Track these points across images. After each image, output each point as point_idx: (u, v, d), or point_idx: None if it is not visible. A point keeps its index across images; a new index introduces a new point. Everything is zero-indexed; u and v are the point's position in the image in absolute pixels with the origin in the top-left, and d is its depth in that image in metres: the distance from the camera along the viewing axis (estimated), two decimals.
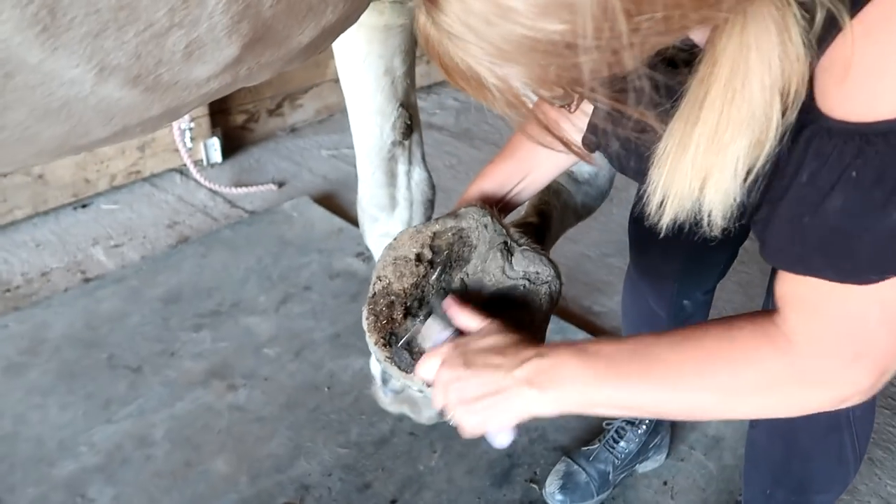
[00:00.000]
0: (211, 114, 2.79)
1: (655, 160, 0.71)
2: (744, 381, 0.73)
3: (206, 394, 1.83)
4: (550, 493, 1.59)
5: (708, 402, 0.76)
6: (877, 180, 0.62)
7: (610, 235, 2.48)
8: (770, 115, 0.63)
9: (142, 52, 0.51)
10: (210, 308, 2.10)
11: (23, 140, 0.51)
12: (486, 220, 1.02)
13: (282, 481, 1.62)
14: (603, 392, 0.78)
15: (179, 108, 0.63)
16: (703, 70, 0.65)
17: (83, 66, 0.48)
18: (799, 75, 0.62)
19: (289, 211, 2.56)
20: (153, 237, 2.45)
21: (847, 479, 1.18)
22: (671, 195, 0.71)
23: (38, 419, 1.74)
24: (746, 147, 0.65)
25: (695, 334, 0.77)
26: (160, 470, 1.64)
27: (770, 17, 0.60)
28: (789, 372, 0.72)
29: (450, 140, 3.10)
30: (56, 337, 1.98)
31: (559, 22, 0.53)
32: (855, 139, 0.62)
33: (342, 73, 1.39)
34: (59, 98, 0.50)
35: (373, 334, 0.96)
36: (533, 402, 0.79)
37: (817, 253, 0.67)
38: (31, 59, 0.45)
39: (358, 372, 1.90)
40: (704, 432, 1.77)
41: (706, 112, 0.65)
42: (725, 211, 0.69)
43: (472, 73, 0.60)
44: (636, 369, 0.76)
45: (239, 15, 0.57)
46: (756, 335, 0.73)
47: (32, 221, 2.46)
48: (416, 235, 1.01)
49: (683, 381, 0.75)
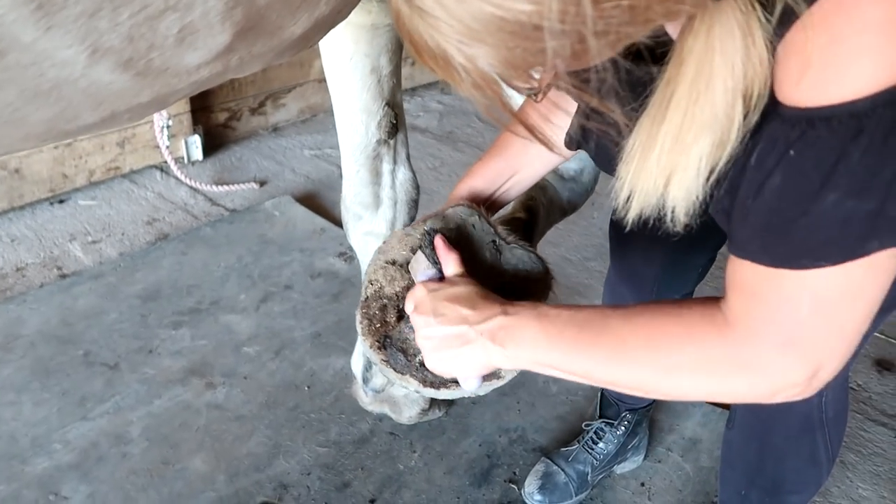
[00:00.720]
0: (193, 111, 2.77)
1: (624, 157, 0.73)
2: (682, 359, 0.75)
3: (185, 392, 1.81)
4: (529, 494, 1.60)
5: (647, 377, 0.78)
6: (815, 163, 0.63)
7: (591, 239, 2.51)
8: (732, 116, 0.65)
9: (135, 35, 0.51)
10: (189, 306, 2.08)
11: (10, 123, 0.51)
12: (474, 220, 1.03)
13: (260, 480, 1.61)
14: (553, 355, 0.81)
15: (169, 95, 0.62)
16: (671, 71, 0.67)
17: (76, 47, 0.47)
18: (761, 79, 0.64)
19: (270, 210, 2.55)
20: (132, 234, 2.42)
21: (820, 479, 1.20)
22: (637, 191, 0.73)
23: (11, 416, 1.71)
24: (709, 147, 0.66)
25: (648, 310, 0.79)
26: (136, 468, 1.62)
27: (735, 20, 0.61)
28: (724, 354, 0.73)
29: (433, 142, 3.11)
30: (31, 333, 1.95)
31: (527, 2, 0.54)
32: (801, 123, 0.63)
33: (329, 71, 1.38)
34: (50, 79, 0.49)
35: (367, 338, 0.96)
36: (493, 355, 0.83)
37: (756, 236, 0.69)
38: (25, 37, 0.45)
39: (338, 371, 1.89)
40: (682, 434, 1.79)
41: (671, 112, 0.67)
42: (688, 208, 0.71)
43: (441, 52, 0.60)
44: (586, 337, 0.79)
45: (234, 1, 0.57)
46: (701, 317, 0.75)
47: (8, 216, 2.42)
48: (405, 238, 1.02)
49: (627, 354, 0.77)
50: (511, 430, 1.77)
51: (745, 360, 0.72)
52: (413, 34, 0.61)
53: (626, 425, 1.64)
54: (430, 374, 0.93)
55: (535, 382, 1.91)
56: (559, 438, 1.75)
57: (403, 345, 0.95)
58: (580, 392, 1.88)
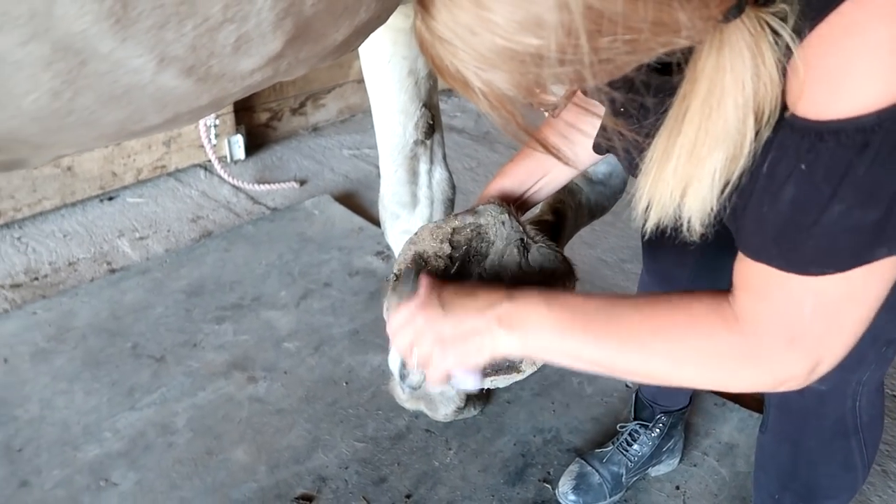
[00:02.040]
0: (235, 111, 2.85)
1: (643, 168, 0.77)
2: (691, 351, 0.79)
3: (228, 385, 1.87)
4: (563, 493, 1.61)
5: (656, 366, 0.80)
6: (825, 176, 0.67)
7: (627, 241, 2.50)
8: (744, 132, 0.68)
9: (197, 45, 0.55)
10: (232, 301, 2.14)
11: (87, 123, 0.55)
12: (504, 217, 1.05)
13: (300, 472, 1.66)
14: (563, 341, 0.82)
15: (224, 98, 0.66)
16: (685, 87, 0.70)
17: (146, 56, 0.51)
18: (772, 97, 0.67)
19: (310, 208, 2.60)
20: (177, 231, 2.50)
21: (855, 485, 1.19)
22: (655, 201, 0.76)
23: (64, 404, 1.79)
24: (723, 161, 0.70)
25: (658, 300, 0.82)
26: (182, 457, 1.68)
27: (744, 42, 0.65)
28: (732, 348, 0.77)
29: (469, 143, 3.13)
30: (82, 325, 2.03)
31: (533, 37, 0.59)
32: (811, 135, 0.67)
33: (367, 73, 1.42)
34: (123, 85, 0.53)
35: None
36: (501, 340, 0.84)
37: (770, 242, 0.72)
38: (103, 48, 0.49)
39: (376, 368, 1.93)
40: (718, 438, 1.79)
41: (686, 126, 0.70)
42: (703, 218, 0.75)
43: (460, 76, 0.66)
44: (596, 325, 0.81)
45: (284, 12, 0.61)
46: (710, 309, 0.78)
47: (60, 212, 2.51)
48: (437, 231, 1.05)
49: (637, 343, 0.80)
50: (545, 430, 1.79)
51: (751, 354, 0.76)
52: (434, 58, 0.66)
53: (660, 428, 1.64)
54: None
55: (570, 383, 1.92)
56: (594, 440, 1.76)
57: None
58: (615, 394, 1.89)
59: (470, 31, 0.62)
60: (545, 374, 1.94)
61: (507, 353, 0.87)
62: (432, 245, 1.04)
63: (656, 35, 0.61)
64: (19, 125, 0.51)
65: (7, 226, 2.41)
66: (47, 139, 0.55)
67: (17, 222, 2.43)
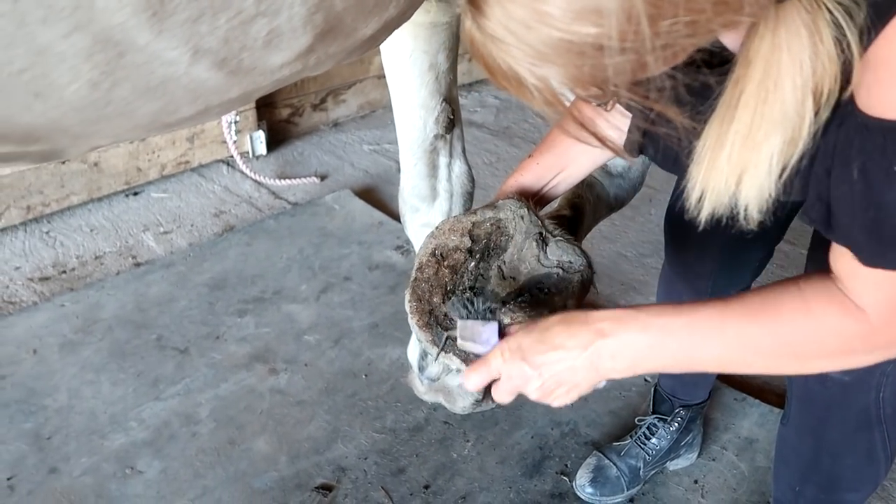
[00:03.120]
0: (257, 107, 2.88)
1: (694, 157, 0.75)
2: (819, 348, 0.79)
3: (249, 376, 1.90)
4: (581, 486, 1.62)
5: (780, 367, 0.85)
6: None
7: (647, 235, 2.50)
8: (802, 114, 0.67)
9: (230, 38, 0.56)
10: (254, 295, 2.18)
11: (124, 115, 0.57)
12: (523, 212, 1.07)
13: (320, 462, 1.68)
14: (675, 361, 0.83)
15: (254, 91, 0.68)
16: (738, 71, 0.69)
17: (181, 49, 0.53)
18: (831, 76, 0.65)
19: (330, 203, 2.63)
20: (200, 225, 2.53)
21: (878, 478, 1.19)
22: (709, 190, 0.75)
23: (91, 394, 1.83)
24: (780, 145, 0.69)
25: (766, 304, 0.80)
26: (205, 446, 1.71)
27: (800, 19, 0.63)
28: (863, 340, 0.77)
29: (489, 137, 3.14)
30: (108, 317, 2.07)
31: (591, 25, 0.58)
32: (893, 136, 0.65)
33: (388, 68, 1.43)
34: (158, 77, 0.55)
35: (415, 316, 1.01)
36: (602, 374, 0.84)
37: (890, 246, 0.72)
38: (141, 40, 0.51)
39: (395, 361, 1.95)
40: (737, 433, 1.78)
41: (741, 111, 0.69)
42: (761, 205, 0.73)
43: (513, 74, 0.65)
44: (698, 340, 0.81)
45: (315, 7, 0.62)
46: (830, 303, 0.78)
47: (87, 207, 2.56)
48: (457, 225, 1.07)
49: (752, 352, 0.80)
50: (563, 423, 1.80)
51: (882, 342, 0.77)
52: (486, 58, 0.66)
53: (679, 421, 1.64)
54: (471, 355, 0.97)
55: None
56: (611, 433, 1.77)
57: (448, 325, 0.99)
58: (633, 388, 1.89)
59: (525, 26, 0.61)
60: None
61: (606, 367, 0.84)
62: (452, 239, 1.06)
63: (718, 14, 0.60)
64: (60, 115, 0.54)
65: (36, 220, 2.46)
66: (86, 129, 0.57)
67: (46, 217, 2.48)
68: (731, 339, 0.79)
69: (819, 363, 0.81)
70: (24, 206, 2.40)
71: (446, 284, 1.02)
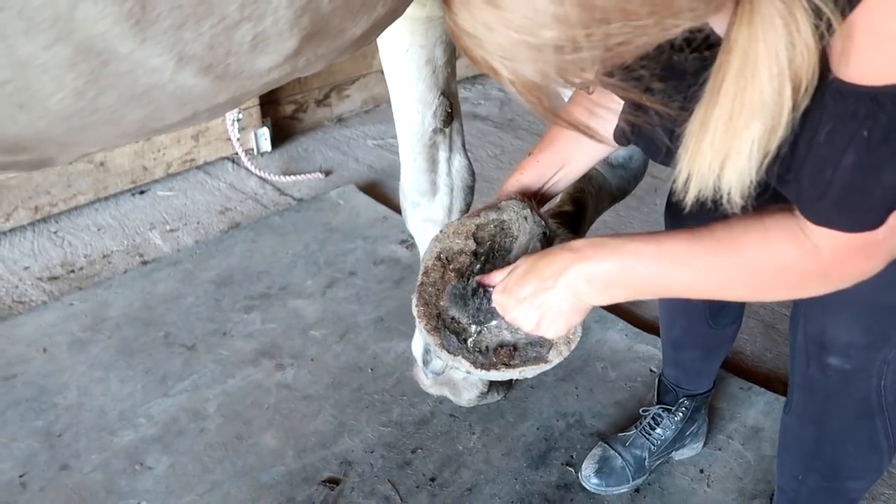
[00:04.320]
0: (261, 104, 2.89)
1: (683, 142, 0.77)
2: (774, 280, 0.84)
3: (256, 372, 1.91)
4: (586, 477, 1.63)
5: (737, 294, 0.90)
6: (884, 139, 0.68)
7: (652, 225, 2.49)
8: (781, 103, 0.68)
9: (214, 44, 0.57)
10: (260, 291, 2.19)
11: (110, 122, 0.58)
12: (526, 213, 1.07)
13: (326, 456, 1.70)
14: (637, 286, 0.89)
15: (243, 95, 0.69)
16: (720, 58, 0.70)
17: (165, 56, 0.54)
18: (808, 65, 0.66)
19: (335, 199, 2.63)
20: (206, 223, 2.55)
21: (881, 466, 1.19)
22: (694, 174, 0.77)
23: (101, 392, 1.85)
24: (761, 132, 0.70)
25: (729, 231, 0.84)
26: (213, 442, 1.73)
27: (775, 9, 0.64)
28: (809, 269, 0.81)
29: (494, 130, 3.14)
30: (116, 315, 2.09)
31: (549, 29, 0.61)
32: (866, 101, 0.67)
33: (385, 63, 1.44)
34: (143, 84, 0.56)
35: (422, 320, 1.02)
36: (578, 300, 0.92)
37: (835, 207, 0.74)
38: (123, 49, 0.51)
39: (400, 355, 1.96)
40: (743, 422, 1.78)
41: (722, 98, 0.70)
42: (743, 190, 0.75)
43: (488, 65, 0.69)
44: (667, 267, 0.87)
45: (301, 10, 0.62)
46: (785, 233, 0.81)
47: (94, 206, 2.58)
48: (461, 227, 1.08)
49: (718, 279, 0.86)
50: (569, 414, 1.80)
51: (834, 277, 0.81)
52: (465, 49, 0.70)
53: (683, 411, 1.64)
54: (479, 357, 0.98)
55: (594, 368, 1.93)
56: (617, 424, 1.77)
57: (456, 328, 1.00)
58: (639, 378, 1.90)
59: (488, 28, 0.64)
60: (568, 360, 1.95)
61: (589, 304, 0.93)
62: (457, 242, 1.07)
63: (661, 18, 0.62)
64: (47, 125, 0.54)
65: (44, 220, 2.49)
66: (73, 137, 0.58)
67: (54, 217, 2.51)
68: (698, 266, 0.85)
69: (776, 293, 0.88)
70: (32, 207, 2.42)
71: (453, 288, 1.03)
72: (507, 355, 0.99)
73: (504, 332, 1.01)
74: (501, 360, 0.99)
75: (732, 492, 1.63)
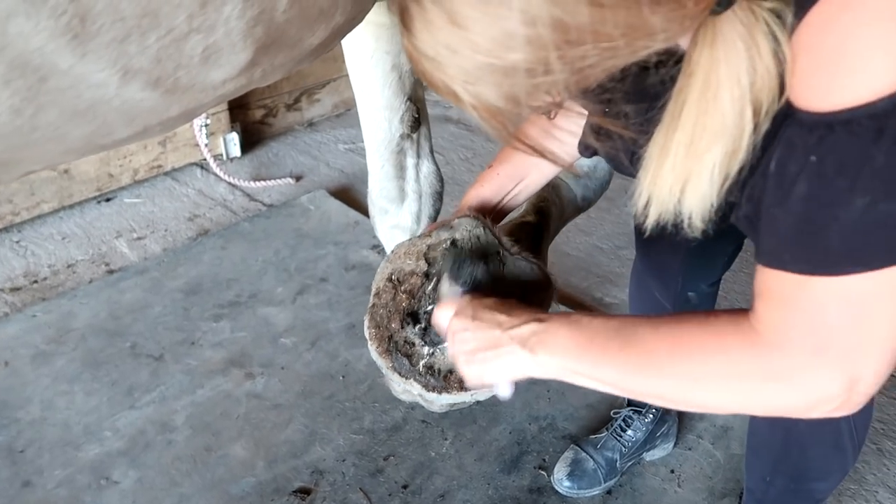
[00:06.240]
0: (230, 109, 2.85)
1: (643, 164, 0.76)
2: (709, 369, 0.73)
3: (226, 381, 1.89)
4: (559, 480, 1.63)
5: (675, 387, 0.76)
6: (839, 168, 0.62)
7: (623, 227, 2.51)
8: (742, 126, 0.67)
9: (162, 57, 0.55)
10: (229, 299, 2.16)
11: (53, 139, 0.56)
12: (479, 231, 1.05)
13: (297, 466, 1.68)
14: (581, 363, 0.81)
15: (196, 108, 0.67)
16: (681, 81, 0.69)
17: (109, 70, 0.52)
18: (769, 89, 0.65)
19: (306, 204, 2.61)
20: (174, 230, 2.51)
21: (845, 466, 1.20)
22: (654, 197, 0.75)
23: (65, 405, 1.81)
24: (721, 155, 0.68)
25: (676, 320, 0.78)
26: (181, 454, 1.70)
27: (736, 33, 0.63)
28: (753, 363, 0.71)
29: (465, 133, 3.13)
30: (81, 326, 2.05)
31: (510, 51, 0.60)
32: (819, 128, 0.63)
33: (351, 69, 1.43)
34: (87, 100, 0.54)
35: (374, 342, 1.02)
36: (523, 362, 0.84)
37: (786, 244, 0.68)
38: (63, 64, 0.49)
39: (372, 362, 1.90)
40: (713, 422, 1.80)
41: (683, 121, 0.69)
42: (703, 214, 0.73)
43: (449, 90, 0.67)
44: (614, 347, 0.78)
45: (254, 20, 0.61)
46: (728, 326, 0.73)
47: (58, 215, 2.53)
48: (412, 248, 1.06)
49: (655, 364, 0.76)
50: (541, 417, 1.80)
51: (775, 369, 0.70)
52: (424, 73, 0.67)
53: (654, 413, 1.65)
54: (431, 380, 0.98)
55: None
56: (588, 426, 1.78)
57: (408, 351, 1.00)
58: None
59: (451, 50, 0.62)
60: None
61: (528, 373, 0.85)
62: (408, 263, 1.05)
63: (633, 40, 0.61)
64: None
65: (6, 230, 2.43)
66: (14, 156, 0.56)
67: (16, 226, 2.45)
68: (630, 345, 0.78)
69: (711, 392, 0.75)
70: None
71: (404, 309, 1.02)
72: (459, 379, 0.97)
73: None
74: (453, 384, 0.98)
75: (702, 491, 1.65)
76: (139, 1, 0.49)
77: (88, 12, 0.48)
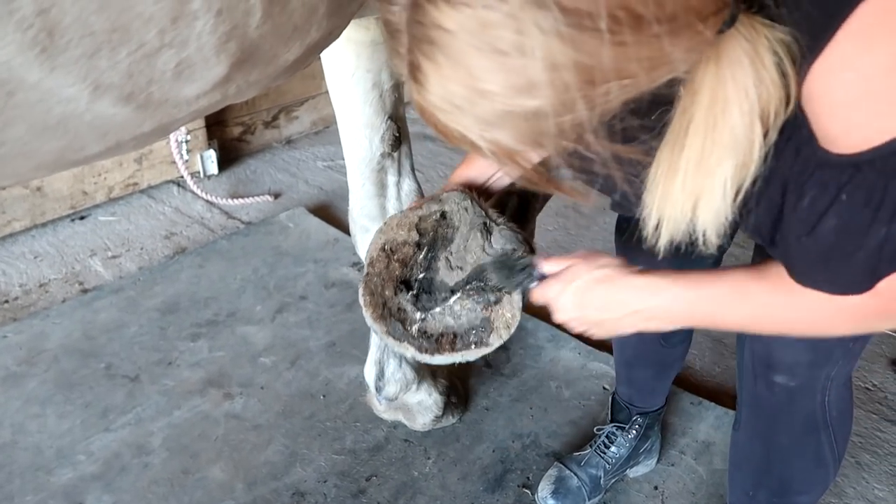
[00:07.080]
0: (208, 126, 2.83)
1: (647, 186, 0.75)
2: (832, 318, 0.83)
3: (204, 402, 1.85)
4: (543, 498, 1.61)
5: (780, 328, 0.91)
6: (865, 203, 0.69)
7: (601, 244, 2.52)
8: (752, 138, 0.68)
9: (134, 72, 0.54)
10: (207, 318, 2.13)
11: (22, 155, 0.54)
12: (467, 203, 1.11)
13: (278, 488, 1.64)
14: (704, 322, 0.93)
15: (170, 124, 0.66)
16: (685, 100, 0.69)
17: (78, 85, 0.51)
18: (776, 99, 0.67)
19: (285, 221, 2.59)
20: (150, 248, 2.48)
21: (827, 480, 1.20)
22: (665, 218, 0.75)
23: (37, 428, 1.77)
24: (733, 169, 0.70)
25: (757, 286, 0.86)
26: (158, 478, 1.66)
27: (741, 49, 0.65)
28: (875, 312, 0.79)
29: (445, 151, 3.13)
30: (54, 347, 2.00)
31: (529, 98, 0.60)
32: (849, 168, 0.69)
33: (332, 87, 1.42)
34: (56, 115, 0.53)
35: (369, 309, 1.06)
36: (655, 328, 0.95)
37: (819, 271, 0.76)
38: (31, 78, 0.48)
39: (353, 380, 1.92)
40: (694, 437, 1.80)
41: (691, 138, 0.70)
42: (718, 229, 0.74)
43: (465, 139, 0.66)
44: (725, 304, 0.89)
45: (226, 35, 0.60)
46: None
47: (31, 233, 2.48)
48: (404, 220, 1.11)
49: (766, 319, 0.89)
50: (524, 435, 1.79)
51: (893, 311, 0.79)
52: (437, 124, 0.67)
53: (637, 429, 1.65)
54: (424, 342, 1.02)
55: (548, 388, 1.92)
56: (572, 443, 1.77)
57: (401, 316, 1.04)
58: (592, 397, 1.90)
59: (467, 101, 0.62)
60: (523, 380, 1.95)
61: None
62: (400, 233, 1.10)
63: (652, 76, 0.62)
64: None
65: None
66: None
67: None
68: (755, 304, 0.87)
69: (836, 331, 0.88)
70: None
71: (397, 277, 1.07)
72: (450, 341, 1.03)
73: (447, 318, 1.05)
74: (444, 345, 1.03)
75: None
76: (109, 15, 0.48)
77: (56, 26, 0.46)
